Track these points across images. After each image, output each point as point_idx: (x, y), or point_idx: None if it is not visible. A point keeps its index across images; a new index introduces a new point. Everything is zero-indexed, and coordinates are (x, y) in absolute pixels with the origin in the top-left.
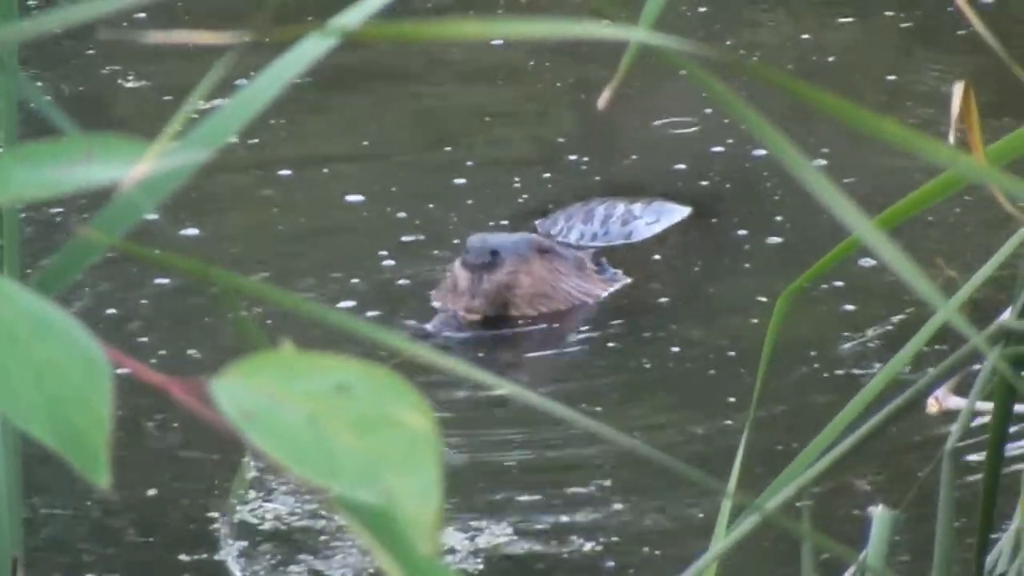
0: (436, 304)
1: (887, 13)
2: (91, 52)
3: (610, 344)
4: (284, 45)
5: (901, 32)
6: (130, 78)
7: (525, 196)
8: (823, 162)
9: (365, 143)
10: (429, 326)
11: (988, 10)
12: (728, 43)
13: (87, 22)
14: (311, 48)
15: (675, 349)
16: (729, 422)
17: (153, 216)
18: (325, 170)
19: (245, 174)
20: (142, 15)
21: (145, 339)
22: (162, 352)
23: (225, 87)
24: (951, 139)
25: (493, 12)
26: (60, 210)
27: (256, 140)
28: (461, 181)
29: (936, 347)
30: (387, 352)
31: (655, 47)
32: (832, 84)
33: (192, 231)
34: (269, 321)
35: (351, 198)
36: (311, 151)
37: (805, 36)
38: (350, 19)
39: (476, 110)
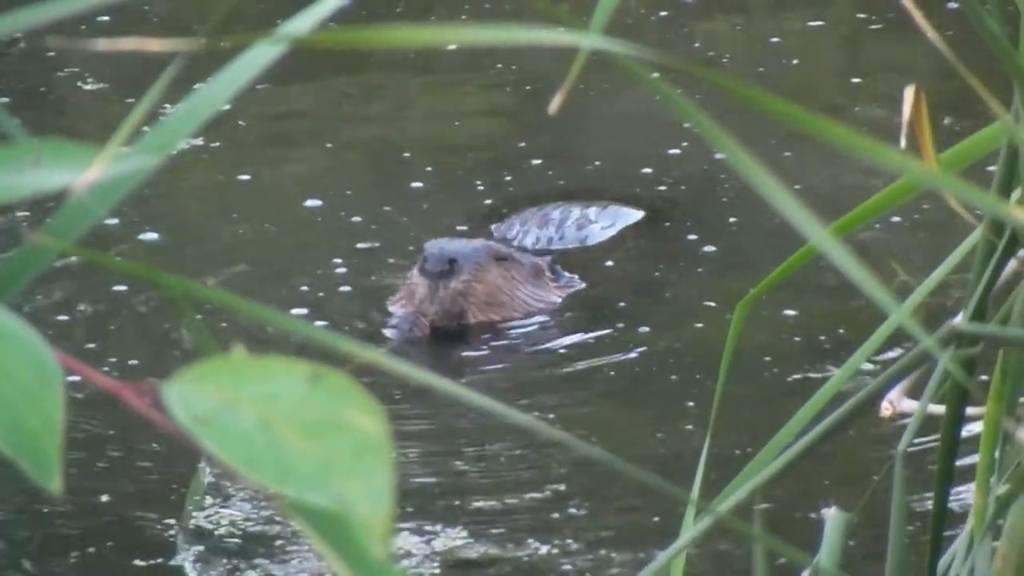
0: (393, 310)
1: (858, 15)
2: (50, 54)
3: (566, 349)
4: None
5: (870, 34)
6: (89, 80)
7: (483, 201)
8: (787, 154)
9: (328, 145)
10: (386, 332)
11: (953, 13)
12: (696, 45)
13: (46, 24)
14: (262, 54)
15: (631, 354)
16: (688, 427)
17: (112, 220)
18: (285, 174)
19: (205, 178)
20: (105, 17)
21: (98, 344)
22: (114, 357)
23: (186, 90)
24: (902, 143)
25: (457, 15)
26: (27, 213)
27: (217, 143)
28: (418, 184)
29: (897, 350)
30: (341, 359)
31: (608, 52)
32: (796, 87)
33: (151, 235)
34: (224, 324)
35: (310, 203)
36: (271, 155)
37: (774, 39)
38: (299, 25)
39: (436, 114)
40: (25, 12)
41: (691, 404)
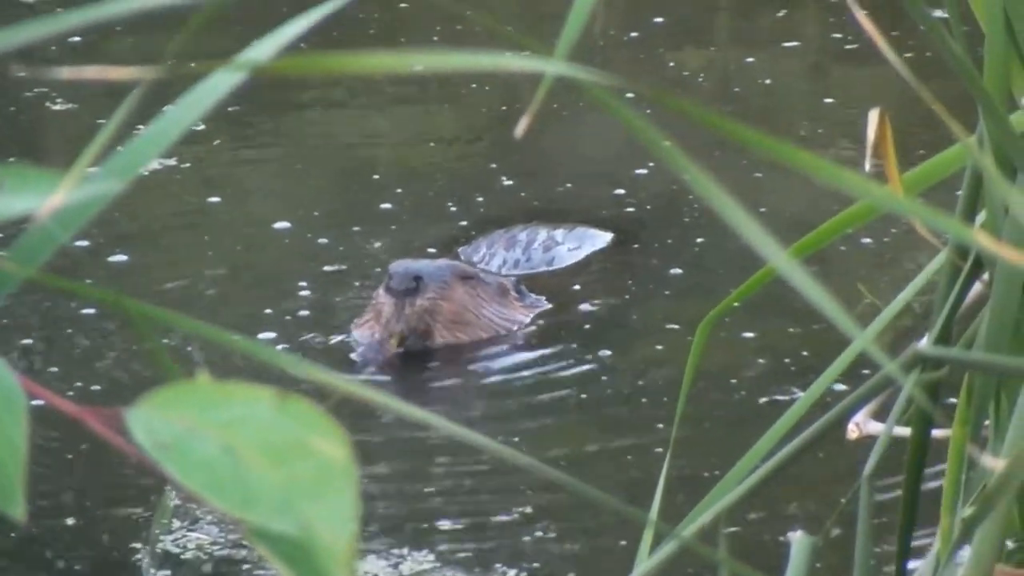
0: (359, 332)
1: (834, 35)
2: (20, 74)
3: (532, 371)
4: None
5: (843, 55)
6: (58, 100)
7: (454, 223)
8: (758, 174)
9: (298, 166)
10: (352, 356)
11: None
12: (671, 64)
13: (15, 46)
14: (224, 80)
15: (599, 377)
16: (658, 449)
17: (83, 242)
18: (255, 195)
19: (176, 199)
20: (76, 38)
21: (62, 368)
22: (79, 381)
23: (159, 107)
24: (867, 167)
25: (428, 36)
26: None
27: (188, 165)
28: (387, 206)
29: (864, 372)
30: (308, 383)
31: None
32: (767, 108)
33: (121, 257)
34: (189, 348)
35: (279, 224)
36: (241, 176)
37: (749, 59)
38: (261, 51)
39: (407, 134)
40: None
41: (660, 426)
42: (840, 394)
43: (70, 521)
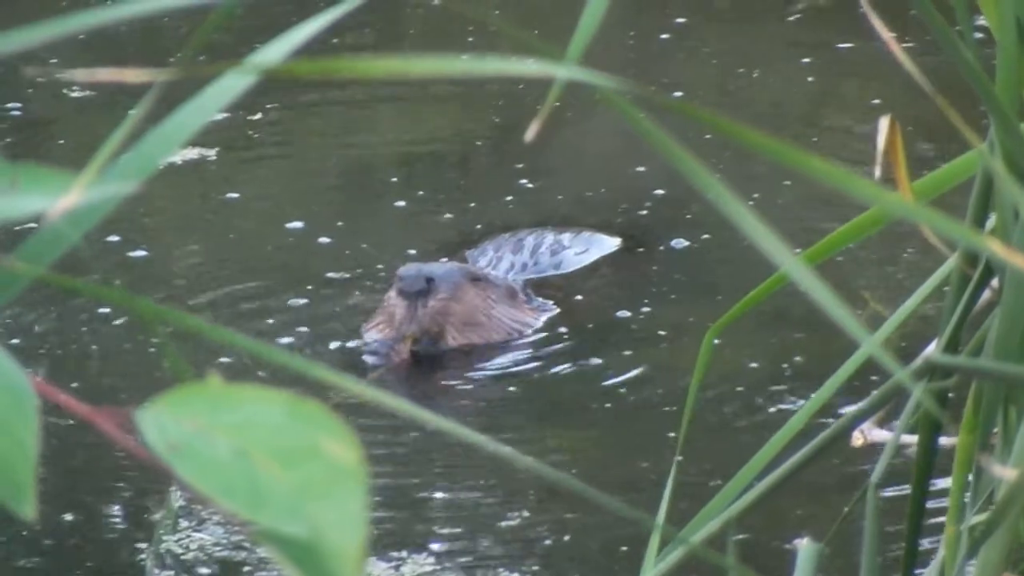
0: (370, 335)
1: (837, 47)
2: (33, 75)
3: (540, 375)
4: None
5: (848, 68)
6: (74, 89)
7: (467, 225)
8: (787, 183)
9: (314, 165)
10: (365, 358)
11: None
12: (707, 67)
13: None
14: (235, 82)
15: (608, 382)
16: (664, 454)
17: (114, 237)
18: (271, 194)
19: (198, 193)
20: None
21: (73, 367)
22: (89, 382)
23: (176, 102)
24: (876, 174)
25: (463, 40)
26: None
27: (213, 158)
28: (401, 203)
29: (871, 378)
30: (317, 383)
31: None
32: (790, 118)
33: (141, 252)
34: (202, 349)
35: (292, 224)
36: (260, 173)
37: (755, 71)
38: (272, 53)
39: (417, 138)
40: (18, 34)
41: (671, 435)
42: (846, 399)
43: (73, 518)
